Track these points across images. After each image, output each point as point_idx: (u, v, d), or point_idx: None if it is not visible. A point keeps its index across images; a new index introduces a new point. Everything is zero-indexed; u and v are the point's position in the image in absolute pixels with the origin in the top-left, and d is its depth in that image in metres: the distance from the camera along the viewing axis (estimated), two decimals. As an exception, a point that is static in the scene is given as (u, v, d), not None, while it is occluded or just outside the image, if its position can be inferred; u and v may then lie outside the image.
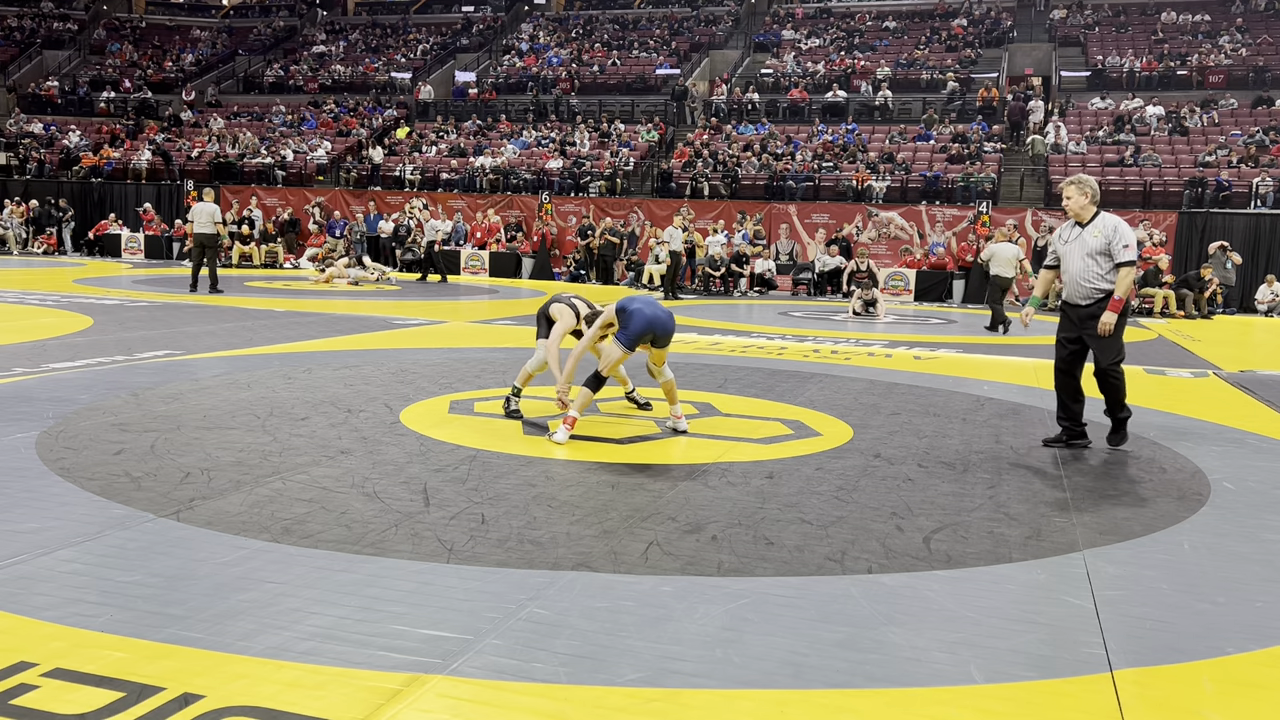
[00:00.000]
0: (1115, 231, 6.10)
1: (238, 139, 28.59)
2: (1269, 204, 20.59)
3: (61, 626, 3.05)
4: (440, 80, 33.60)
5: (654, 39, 33.39)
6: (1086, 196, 6.19)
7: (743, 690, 2.80)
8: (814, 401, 7.59)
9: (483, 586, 3.51)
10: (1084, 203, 6.19)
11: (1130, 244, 6.09)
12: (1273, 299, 18.69)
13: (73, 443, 5.39)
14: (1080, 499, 5.00)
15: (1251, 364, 11.17)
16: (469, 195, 24.87)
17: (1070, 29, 30.71)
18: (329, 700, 2.65)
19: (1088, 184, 6.23)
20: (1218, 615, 3.51)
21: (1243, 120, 24.44)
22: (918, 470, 5.49)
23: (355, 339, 10.44)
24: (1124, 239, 6.09)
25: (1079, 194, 6.19)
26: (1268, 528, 4.61)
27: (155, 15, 41.33)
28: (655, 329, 6.09)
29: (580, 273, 21.85)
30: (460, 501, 4.54)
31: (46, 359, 8.24)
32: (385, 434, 5.89)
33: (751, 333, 12.65)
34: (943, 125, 25.62)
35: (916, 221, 21.65)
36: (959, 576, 3.79)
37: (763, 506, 4.64)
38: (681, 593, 3.51)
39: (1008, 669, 3.00)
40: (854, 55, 30.31)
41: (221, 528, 4.04)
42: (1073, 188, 6.24)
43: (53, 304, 12.88)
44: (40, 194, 26.58)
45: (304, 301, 14.81)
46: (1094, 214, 6.21)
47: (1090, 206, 6.21)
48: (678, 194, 23.81)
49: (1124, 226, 6.17)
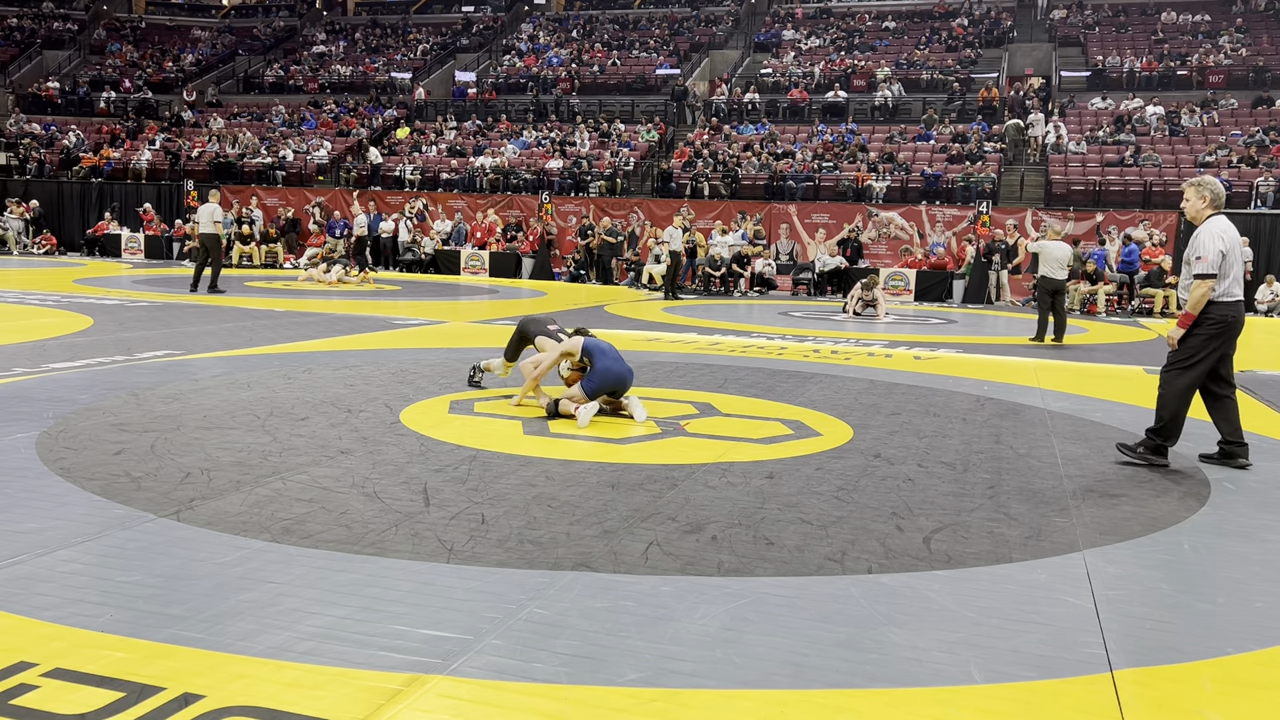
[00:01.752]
0: (1195, 238, 5.76)
1: (238, 139, 28.60)
2: (1269, 204, 20.59)
3: (61, 626, 3.05)
4: (440, 80, 33.60)
5: (654, 39, 33.39)
6: (1204, 200, 5.81)
7: (743, 690, 2.80)
8: (814, 401, 7.59)
9: (483, 586, 3.51)
10: (1200, 206, 5.82)
11: (1204, 255, 5.62)
12: (1273, 299, 18.69)
13: (73, 443, 5.39)
14: (1080, 499, 5.00)
15: (1251, 364, 11.17)
16: (469, 195, 24.88)
17: (1070, 29, 30.71)
18: (329, 700, 2.65)
19: (1207, 186, 5.81)
20: (1218, 615, 3.51)
21: (1243, 120, 24.45)
22: (918, 470, 5.49)
23: (355, 339, 10.44)
24: (1198, 250, 5.67)
25: (1196, 197, 5.84)
26: (1268, 528, 4.61)
27: (155, 15, 41.34)
28: (616, 384, 6.70)
29: (580, 273, 21.85)
30: (460, 501, 4.54)
31: (46, 359, 8.24)
32: (385, 434, 5.89)
33: (751, 333, 12.65)
34: (943, 125, 25.63)
35: (916, 221, 21.65)
36: (959, 576, 3.79)
37: (763, 506, 4.64)
38: (681, 593, 3.51)
39: (1008, 669, 3.00)
40: (854, 55, 30.32)
41: (221, 528, 4.04)
42: (1191, 190, 5.88)
43: (53, 304, 12.88)
44: (41, 194, 26.60)
45: (304, 301, 14.81)
46: (1209, 218, 5.78)
47: (1206, 210, 5.79)
48: (678, 194, 23.81)
49: (1206, 232, 5.71)
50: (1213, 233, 5.70)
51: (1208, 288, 5.64)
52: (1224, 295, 5.69)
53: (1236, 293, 5.74)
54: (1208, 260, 5.62)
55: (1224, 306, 5.69)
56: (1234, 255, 5.70)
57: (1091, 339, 13.68)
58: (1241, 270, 5.80)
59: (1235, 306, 5.74)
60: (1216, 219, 5.78)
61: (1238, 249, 5.76)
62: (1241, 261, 5.81)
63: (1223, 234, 5.69)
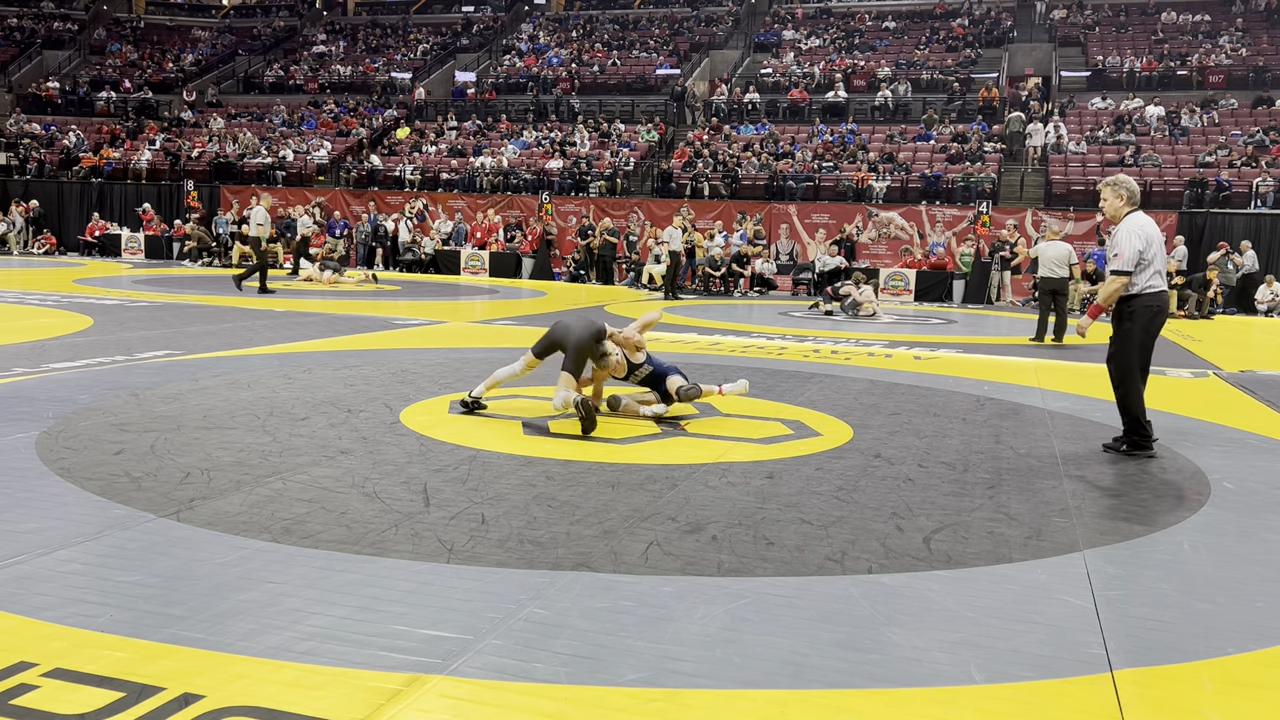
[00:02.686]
0: (1113, 235, 6.04)
1: (238, 139, 28.60)
2: (1269, 204, 20.59)
3: (61, 626, 3.04)
4: (440, 80, 33.60)
5: (654, 39, 33.39)
6: (1121, 199, 6.06)
7: (743, 690, 2.80)
8: (814, 401, 7.59)
9: (483, 586, 3.50)
10: (1119, 205, 6.06)
11: (1121, 252, 5.91)
12: (1272, 299, 18.69)
13: (73, 443, 5.38)
14: (1080, 499, 5.00)
15: (1251, 364, 11.17)
16: (469, 195, 24.88)
17: (1070, 29, 30.71)
18: (329, 700, 2.65)
19: (1122, 185, 6.07)
20: (1218, 615, 3.50)
21: (1243, 120, 24.45)
22: (918, 470, 5.49)
23: (355, 339, 10.44)
24: (1115, 247, 5.97)
25: (1114, 196, 6.09)
26: (1268, 528, 4.61)
27: (155, 15, 41.34)
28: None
29: (580, 273, 21.86)
30: (460, 501, 4.53)
31: (46, 359, 8.24)
32: (385, 434, 5.89)
33: (751, 333, 12.65)
34: (943, 125, 25.63)
35: (916, 221, 21.66)
36: (959, 576, 3.79)
37: (763, 506, 4.64)
38: (681, 593, 3.51)
39: (1008, 669, 3.00)
40: (854, 55, 30.32)
41: (221, 528, 4.04)
42: (1108, 190, 6.14)
43: (53, 304, 12.88)
44: (40, 194, 26.59)
45: (304, 301, 14.81)
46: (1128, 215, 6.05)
47: (1125, 208, 6.05)
48: (678, 194, 23.81)
49: (1124, 229, 5.99)
50: (1130, 230, 5.96)
51: (1121, 283, 5.94)
52: (1148, 286, 5.98)
53: (1158, 284, 6.03)
54: (1124, 258, 5.91)
55: (1150, 297, 5.99)
56: (1153, 250, 5.96)
57: (1091, 339, 13.65)
58: (1164, 263, 6.08)
59: (1159, 296, 6.04)
60: (1135, 215, 6.06)
61: (1156, 243, 6.01)
62: (1163, 254, 6.08)
63: (1140, 230, 5.95)
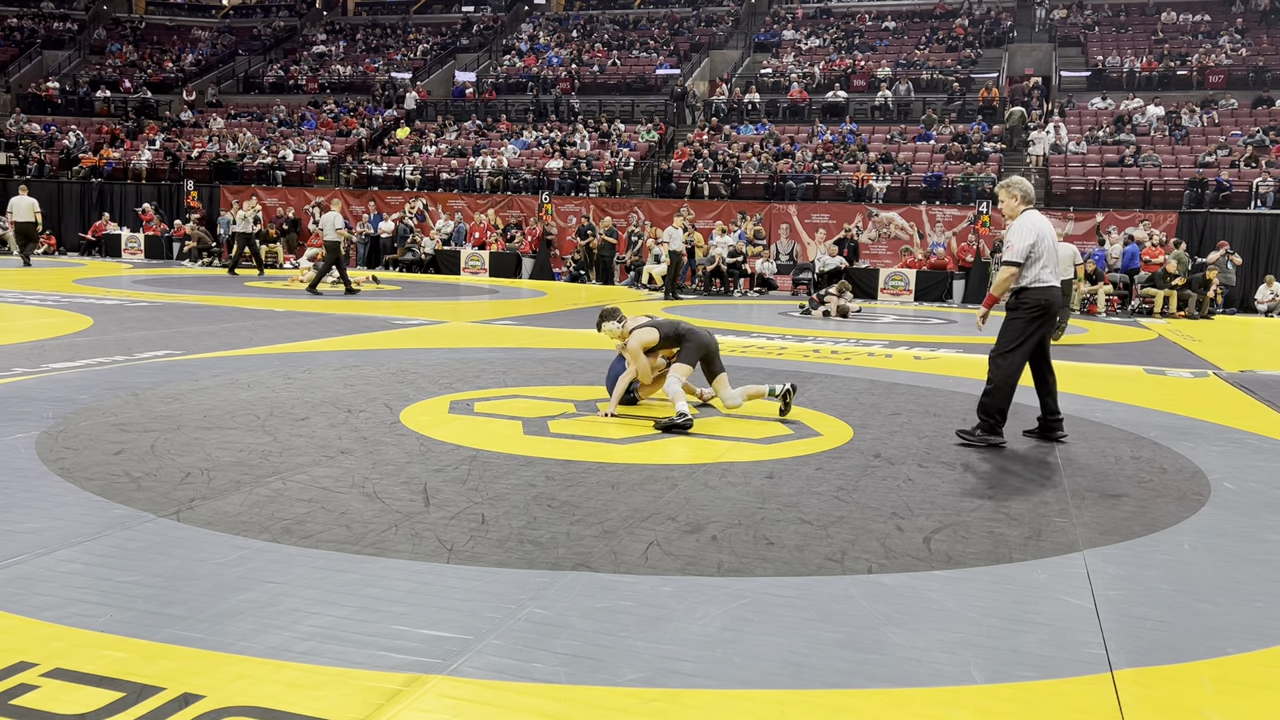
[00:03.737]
0: (1009, 230, 6.26)
1: (238, 139, 28.59)
2: (1269, 204, 20.58)
3: (61, 626, 3.04)
4: (440, 80, 33.60)
5: (654, 39, 33.39)
6: (1015, 199, 6.29)
7: (743, 690, 2.80)
8: (814, 401, 7.59)
9: (483, 586, 3.50)
10: (1014, 205, 6.29)
11: (1013, 245, 6.14)
12: (1272, 299, 18.69)
13: (73, 443, 5.39)
14: (1080, 499, 5.00)
15: (1251, 364, 11.17)
16: (469, 195, 24.88)
17: (1070, 29, 30.71)
18: (329, 700, 2.65)
19: (1016, 186, 6.29)
20: (1218, 615, 3.51)
21: (1243, 120, 24.44)
22: (918, 470, 5.49)
23: (355, 339, 10.44)
24: (1009, 240, 6.19)
25: (1008, 197, 6.32)
26: (1268, 528, 4.61)
27: (155, 15, 41.34)
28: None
29: (580, 273, 21.86)
30: (460, 501, 4.54)
31: (46, 359, 8.24)
32: (385, 434, 5.89)
33: (751, 333, 12.65)
34: (943, 125, 25.62)
35: (916, 221, 21.65)
36: (959, 576, 3.79)
37: (763, 506, 4.64)
38: (681, 593, 3.51)
39: (1008, 669, 3.00)
40: (854, 55, 30.32)
41: (221, 528, 4.04)
42: (1003, 191, 6.38)
43: (53, 304, 12.87)
44: (41, 194, 26.58)
45: (304, 301, 14.80)
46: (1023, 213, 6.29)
47: (1020, 207, 6.28)
48: (678, 194, 23.81)
49: (1018, 225, 6.18)
50: (1023, 226, 6.18)
51: (1009, 273, 6.15)
52: (1036, 281, 6.15)
53: (1048, 279, 6.18)
54: (1015, 250, 6.13)
55: (1038, 291, 6.16)
56: (1043, 246, 6.16)
57: (1091, 339, 13.68)
58: (1055, 260, 6.27)
59: (1049, 291, 6.19)
60: (1029, 214, 6.28)
61: (1048, 240, 6.21)
62: (1054, 251, 6.27)
63: (1033, 227, 6.16)
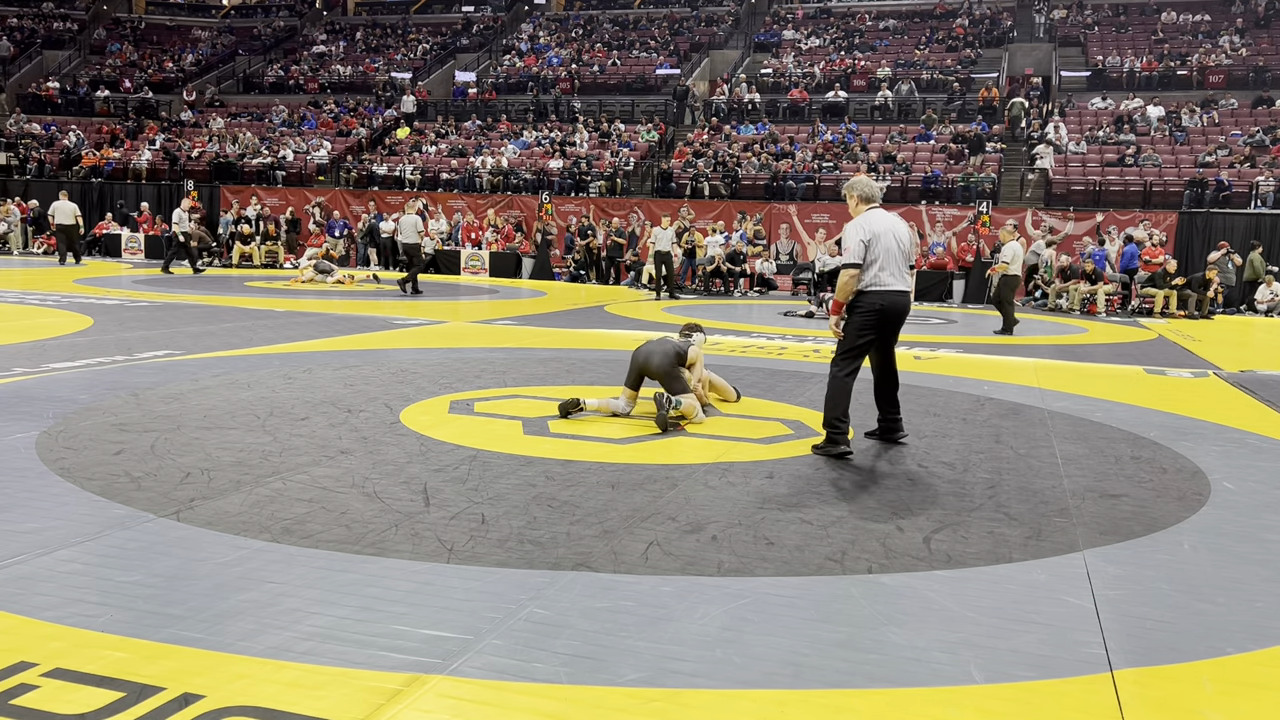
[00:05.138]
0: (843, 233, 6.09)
1: (238, 139, 28.59)
2: (1269, 204, 20.59)
3: (61, 626, 3.04)
4: (440, 80, 33.60)
5: (654, 39, 33.39)
6: (854, 199, 6.06)
7: (743, 690, 2.80)
8: (814, 401, 7.58)
9: (483, 586, 3.50)
10: (855, 204, 6.06)
11: (847, 246, 5.88)
12: (1272, 299, 18.69)
13: (73, 443, 5.38)
14: (1080, 499, 5.00)
15: (1251, 364, 11.17)
16: (469, 195, 24.87)
17: (1070, 29, 30.72)
18: (329, 700, 2.65)
19: (856, 186, 6.07)
20: (1218, 615, 3.50)
21: (1243, 120, 24.45)
22: (918, 470, 5.49)
23: (355, 339, 10.44)
24: (844, 243, 5.96)
25: (850, 197, 6.11)
26: (1268, 528, 4.61)
27: (155, 15, 41.35)
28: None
29: (580, 273, 21.86)
30: (460, 501, 4.54)
31: (46, 359, 8.24)
32: (385, 434, 5.89)
33: (751, 333, 12.65)
34: (943, 125, 25.63)
35: (916, 221, 21.64)
36: (959, 576, 3.79)
37: (763, 506, 4.64)
38: (681, 593, 3.51)
39: (1008, 669, 3.00)
40: (854, 55, 30.32)
41: (221, 528, 4.04)
42: (846, 191, 6.19)
43: (53, 304, 12.87)
44: (41, 194, 26.58)
45: (304, 301, 14.81)
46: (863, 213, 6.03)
47: (861, 206, 6.02)
48: (678, 194, 23.81)
49: (851, 225, 5.93)
50: (856, 225, 5.89)
51: (849, 276, 5.81)
52: (872, 284, 5.82)
53: (887, 281, 5.83)
54: (849, 251, 5.84)
55: (873, 295, 5.83)
56: (880, 246, 5.79)
57: (1091, 339, 13.68)
58: (894, 261, 5.84)
59: (884, 295, 5.83)
60: (869, 213, 5.95)
61: (886, 239, 5.82)
62: (893, 252, 5.84)
63: (865, 225, 5.83)
